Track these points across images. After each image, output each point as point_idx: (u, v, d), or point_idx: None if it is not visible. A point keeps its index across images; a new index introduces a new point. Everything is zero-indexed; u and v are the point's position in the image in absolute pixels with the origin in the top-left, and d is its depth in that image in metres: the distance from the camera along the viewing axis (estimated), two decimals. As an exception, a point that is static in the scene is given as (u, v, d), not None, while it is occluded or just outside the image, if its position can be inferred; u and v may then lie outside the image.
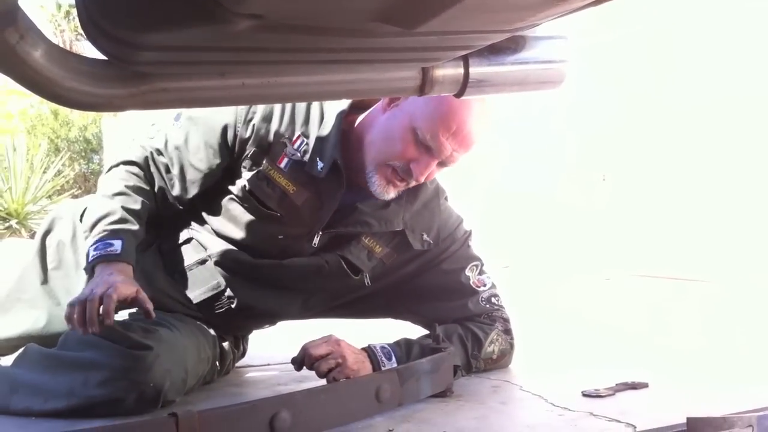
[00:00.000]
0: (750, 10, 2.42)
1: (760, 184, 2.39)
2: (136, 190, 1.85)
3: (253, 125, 1.82)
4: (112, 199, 1.80)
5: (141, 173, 1.88)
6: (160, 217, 1.93)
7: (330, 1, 0.71)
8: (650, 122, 2.76)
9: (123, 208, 1.79)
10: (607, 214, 2.93)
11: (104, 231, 1.73)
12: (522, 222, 3.36)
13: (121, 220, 1.76)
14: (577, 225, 3.06)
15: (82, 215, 1.89)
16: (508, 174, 3.45)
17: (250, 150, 1.83)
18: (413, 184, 1.84)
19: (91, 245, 1.72)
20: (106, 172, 1.91)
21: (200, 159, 1.85)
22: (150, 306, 1.62)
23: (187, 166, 1.86)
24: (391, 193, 1.83)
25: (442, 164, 1.80)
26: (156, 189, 1.89)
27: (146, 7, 0.80)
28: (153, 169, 1.89)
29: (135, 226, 1.78)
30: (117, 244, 1.71)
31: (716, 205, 2.51)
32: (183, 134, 1.86)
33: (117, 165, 1.90)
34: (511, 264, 3.28)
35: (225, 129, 1.83)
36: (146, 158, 1.88)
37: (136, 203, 1.82)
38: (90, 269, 1.70)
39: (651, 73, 2.77)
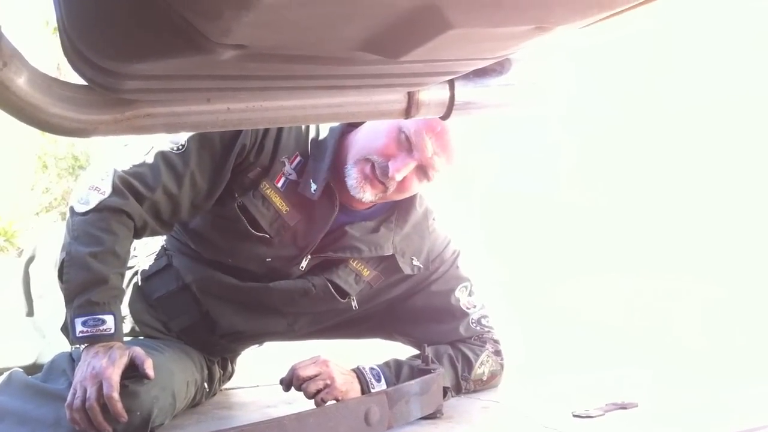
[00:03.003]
0: (750, 10, 2.43)
1: (760, 184, 2.40)
2: (124, 247, 1.69)
3: (263, 144, 1.76)
4: (102, 262, 1.63)
5: (129, 223, 1.69)
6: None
7: (314, 32, 0.71)
8: (649, 122, 2.77)
9: (114, 275, 1.65)
10: (607, 215, 2.94)
11: (95, 303, 1.60)
12: (521, 223, 3.36)
13: (113, 290, 1.64)
14: (577, 225, 3.07)
15: (60, 269, 1.67)
16: (506, 175, 3.45)
17: (253, 170, 1.78)
18: (392, 189, 1.77)
19: (78, 316, 1.60)
20: (84, 214, 1.67)
21: (205, 181, 1.74)
22: (149, 365, 1.56)
23: (186, 193, 1.73)
24: (368, 193, 1.76)
25: (422, 173, 1.76)
26: (139, 223, 1.71)
27: (131, 38, 0.80)
28: (141, 208, 1.70)
29: (123, 295, 1.70)
30: (109, 321, 1.60)
31: (716, 206, 2.53)
32: (187, 158, 1.72)
33: (100, 210, 1.67)
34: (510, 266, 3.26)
35: (238, 150, 1.73)
36: (133, 199, 1.68)
37: (124, 265, 1.71)
38: (76, 340, 1.60)
39: (651, 73, 2.78)
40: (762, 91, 2.40)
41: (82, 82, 1.03)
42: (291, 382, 1.74)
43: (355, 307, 1.96)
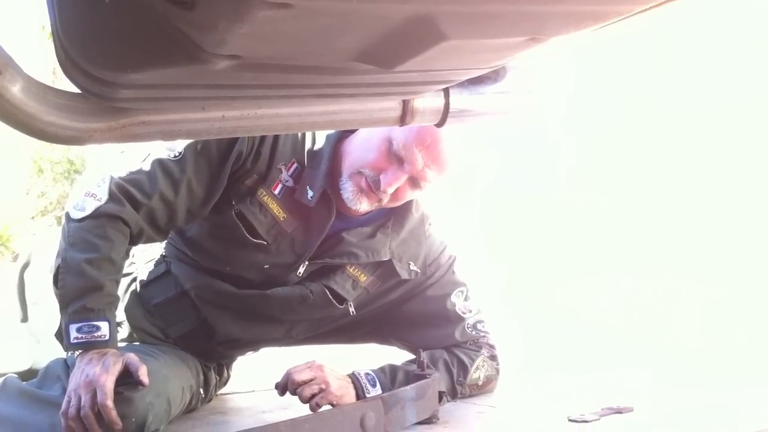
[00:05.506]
0: (750, 10, 2.44)
1: (760, 185, 2.40)
2: (120, 254, 1.69)
3: (260, 151, 1.77)
4: (97, 268, 1.64)
5: (125, 230, 1.70)
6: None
7: (308, 43, 0.71)
8: (648, 121, 2.78)
9: (109, 282, 1.66)
10: (607, 215, 2.95)
11: (90, 309, 1.60)
12: (521, 223, 3.36)
13: (108, 297, 1.64)
14: (577, 225, 3.07)
15: (56, 275, 1.66)
16: (506, 175, 3.44)
17: (250, 177, 1.78)
18: (386, 200, 1.79)
19: (73, 322, 1.60)
20: (80, 220, 1.68)
21: (202, 188, 1.74)
22: (143, 372, 1.56)
23: (182, 200, 1.73)
24: (364, 204, 1.78)
25: (414, 183, 1.77)
26: (135, 230, 1.72)
27: (126, 48, 0.80)
28: (137, 214, 1.70)
29: (118, 302, 1.70)
30: (104, 328, 1.60)
31: (716, 206, 2.53)
32: (184, 165, 1.72)
33: (96, 216, 1.67)
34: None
35: (235, 157, 1.73)
36: (129, 206, 1.68)
37: (119, 272, 1.71)
38: (71, 346, 1.61)
39: (650, 73, 2.79)
40: (762, 92, 2.40)
41: (76, 89, 1.03)
42: (286, 386, 1.74)
43: (353, 312, 1.96)
